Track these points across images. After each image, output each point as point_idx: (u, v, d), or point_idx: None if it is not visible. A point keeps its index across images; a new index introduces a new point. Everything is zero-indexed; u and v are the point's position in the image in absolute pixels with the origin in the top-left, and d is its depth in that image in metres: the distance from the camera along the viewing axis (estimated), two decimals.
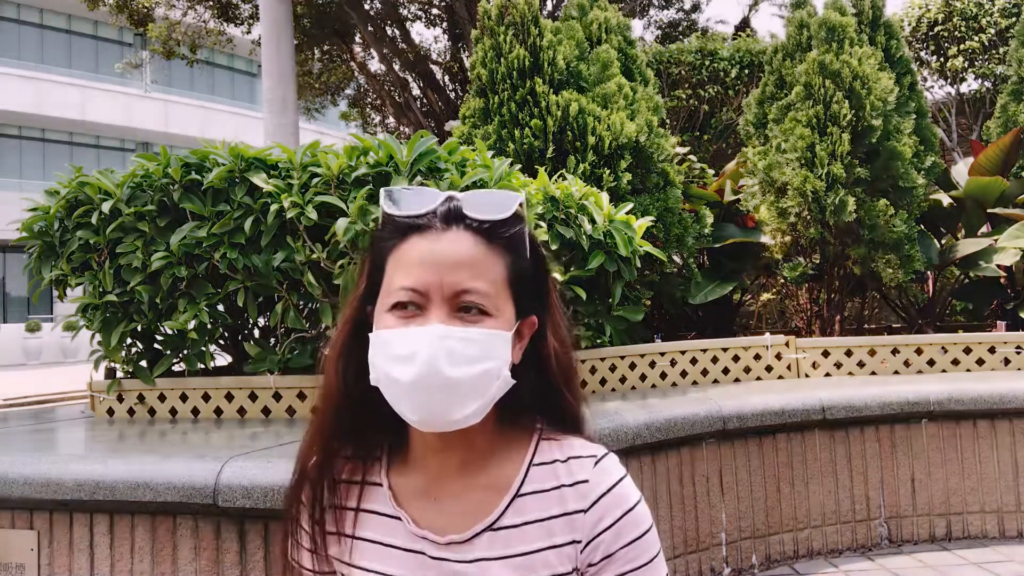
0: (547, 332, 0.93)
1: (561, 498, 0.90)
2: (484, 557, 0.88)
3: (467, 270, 0.85)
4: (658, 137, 4.38)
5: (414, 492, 0.93)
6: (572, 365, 0.97)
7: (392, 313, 0.86)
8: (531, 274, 0.91)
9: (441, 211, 0.88)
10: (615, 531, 0.88)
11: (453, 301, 0.84)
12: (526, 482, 0.91)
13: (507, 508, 0.90)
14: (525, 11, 4.34)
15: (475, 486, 0.91)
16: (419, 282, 0.84)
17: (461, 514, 0.90)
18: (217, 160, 2.79)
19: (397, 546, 0.91)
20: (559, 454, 0.92)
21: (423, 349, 0.81)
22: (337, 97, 15.30)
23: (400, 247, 0.88)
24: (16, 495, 2.13)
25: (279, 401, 2.90)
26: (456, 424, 0.84)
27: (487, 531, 0.89)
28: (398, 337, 0.84)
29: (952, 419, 3.32)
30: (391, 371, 0.84)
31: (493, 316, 0.86)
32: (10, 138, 25.42)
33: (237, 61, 29.69)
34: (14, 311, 24.09)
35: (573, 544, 0.88)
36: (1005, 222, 4.70)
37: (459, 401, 0.83)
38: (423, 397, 0.82)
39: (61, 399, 10.48)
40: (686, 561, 2.93)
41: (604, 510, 0.89)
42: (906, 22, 10.36)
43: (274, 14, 10.02)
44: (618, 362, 3.56)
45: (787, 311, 5.84)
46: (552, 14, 11.71)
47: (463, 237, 0.87)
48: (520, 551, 0.88)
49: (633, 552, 0.88)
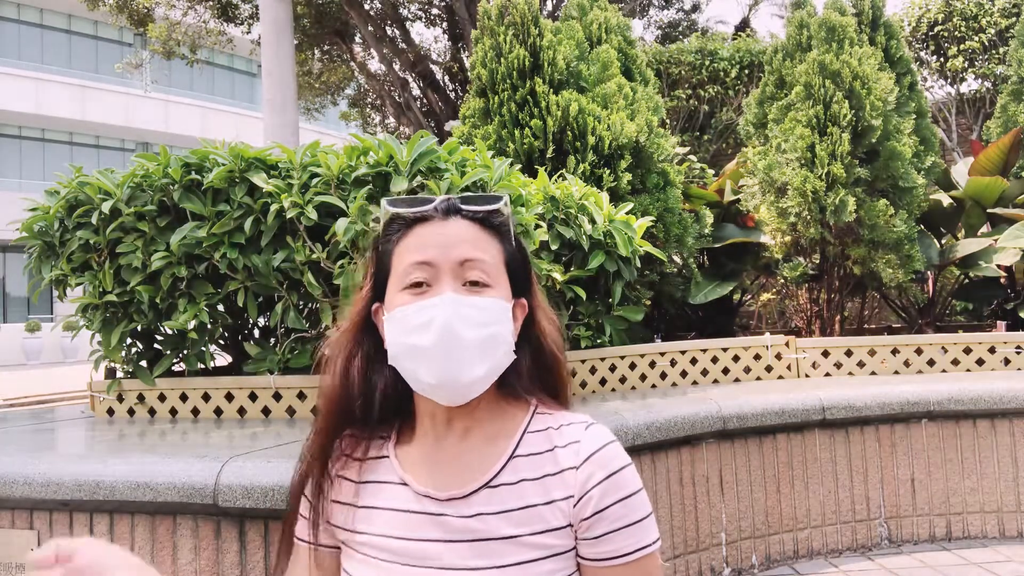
0: (537, 315, 1.04)
1: (555, 458, 0.96)
2: (483, 512, 0.93)
3: (469, 244, 0.97)
4: (658, 137, 4.38)
5: (418, 458, 1.00)
6: (563, 348, 1.07)
7: (405, 292, 0.95)
8: (520, 261, 1.03)
9: (441, 206, 1.00)
10: (604, 487, 0.93)
11: (460, 272, 0.95)
12: (521, 445, 0.98)
13: (504, 467, 0.96)
14: (525, 11, 4.34)
15: (475, 449, 0.98)
16: (428, 256, 0.95)
17: (461, 473, 0.96)
18: (217, 160, 2.79)
19: (401, 509, 0.97)
20: (552, 423, 0.99)
21: (439, 316, 0.91)
22: (337, 97, 15.30)
23: (406, 238, 0.99)
24: (16, 495, 2.13)
25: (279, 401, 2.90)
26: (468, 387, 0.92)
27: (485, 488, 0.95)
28: (414, 308, 0.93)
29: (952, 419, 3.32)
30: (410, 340, 0.92)
31: (494, 287, 0.96)
32: (10, 138, 25.42)
33: (237, 61, 29.69)
34: (14, 311, 24.09)
35: (567, 499, 0.93)
36: (1005, 222, 4.70)
37: (472, 362, 0.91)
38: (443, 358, 0.91)
39: (61, 399, 10.48)
40: (686, 561, 2.93)
41: (595, 467, 0.94)
42: (906, 22, 10.36)
43: (274, 14, 10.02)
44: (618, 362, 3.56)
45: (787, 311, 5.85)
46: (552, 14, 11.71)
47: (462, 223, 0.99)
48: (516, 506, 0.93)
49: (623, 509, 0.93)
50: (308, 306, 3.01)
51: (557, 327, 1.06)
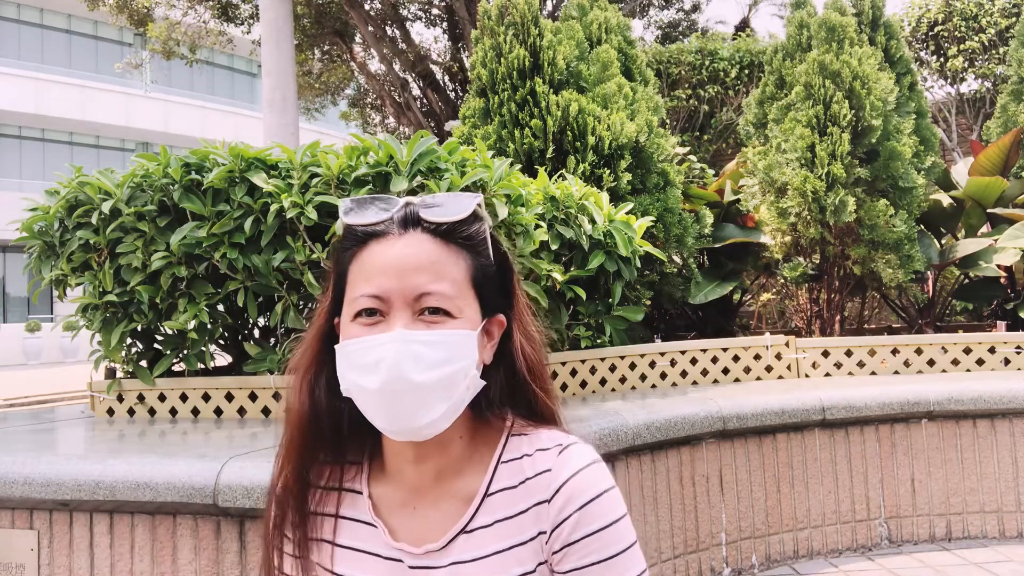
0: (514, 330, 0.94)
1: (527, 491, 0.89)
2: (458, 560, 0.88)
3: (427, 272, 0.86)
4: (658, 137, 4.38)
5: (393, 502, 0.94)
6: (541, 361, 0.97)
7: (356, 322, 0.86)
8: (494, 273, 0.92)
9: (398, 216, 0.89)
10: (576, 519, 0.86)
11: (415, 305, 0.85)
12: (494, 481, 0.91)
13: (478, 510, 0.90)
14: (525, 11, 4.34)
15: (449, 492, 0.92)
16: (380, 288, 0.85)
17: (438, 521, 0.91)
18: (217, 160, 2.79)
19: (376, 553, 0.92)
20: (527, 448, 0.92)
21: (387, 356, 0.82)
22: (337, 97, 15.30)
23: (360, 255, 0.89)
24: (16, 495, 2.13)
25: (279, 401, 2.90)
26: (424, 431, 0.85)
27: (461, 534, 0.89)
28: (362, 346, 0.84)
29: (952, 419, 3.32)
30: (358, 380, 0.84)
31: (456, 317, 0.86)
32: (10, 138, 25.42)
33: (237, 61, 29.69)
34: (14, 311, 24.09)
35: (539, 536, 0.88)
36: (1005, 222, 4.70)
37: (426, 406, 0.83)
38: (390, 404, 0.83)
39: (61, 399, 10.48)
40: (686, 561, 2.93)
41: (566, 499, 0.87)
42: (906, 22, 10.36)
43: (274, 14, 10.02)
44: (618, 362, 3.56)
45: (787, 311, 5.85)
46: (552, 14, 11.71)
47: (422, 240, 0.88)
48: (492, 551, 0.88)
49: (597, 543, 0.86)
50: (308, 306, 3.01)
51: (536, 341, 0.97)
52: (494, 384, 0.92)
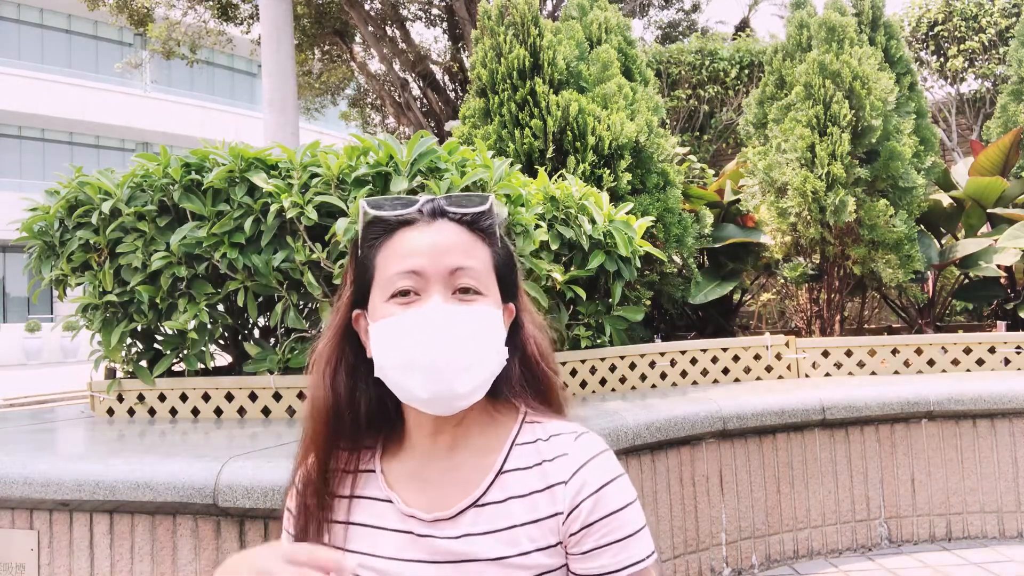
0: (524, 319, 1.00)
1: (543, 473, 0.92)
2: (470, 532, 0.91)
3: (459, 251, 0.91)
4: (658, 137, 4.38)
5: (405, 474, 0.97)
6: (551, 351, 1.02)
7: (391, 302, 0.90)
8: (508, 264, 0.98)
9: (426, 208, 0.94)
10: (593, 501, 0.89)
11: (450, 281, 0.90)
12: (509, 460, 0.94)
13: (491, 485, 0.93)
14: (525, 11, 4.34)
15: (462, 465, 0.95)
16: (416, 265, 0.90)
17: (448, 492, 0.94)
18: (217, 160, 2.79)
19: (387, 527, 0.95)
20: (541, 434, 0.96)
21: (431, 326, 0.87)
22: (337, 97, 15.30)
23: (388, 243, 0.94)
24: (16, 495, 2.13)
25: (279, 401, 2.90)
26: (460, 401, 0.89)
27: (472, 507, 0.92)
28: (404, 321, 0.88)
29: (952, 419, 3.33)
30: (401, 353, 0.88)
31: (485, 295, 0.92)
32: (10, 138, 25.42)
33: (237, 61, 29.69)
34: (14, 311, 24.09)
35: (555, 516, 0.90)
36: (1005, 222, 4.70)
37: (468, 373, 0.88)
38: (436, 373, 0.87)
39: (61, 399, 10.48)
40: (686, 561, 2.93)
41: (583, 481, 0.90)
42: (906, 22, 10.36)
43: (274, 14, 10.02)
44: (618, 362, 3.56)
45: (787, 311, 5.85)
46: (552, 14, 11.71)
47: (449, 226, 0.93)
48: (504, 525, 0.91)
49: (613, 523, 0.89)
50: (308, 306, 3.01)
51: (544, 330, 1.03)
52: (508, 370, 0.96)
